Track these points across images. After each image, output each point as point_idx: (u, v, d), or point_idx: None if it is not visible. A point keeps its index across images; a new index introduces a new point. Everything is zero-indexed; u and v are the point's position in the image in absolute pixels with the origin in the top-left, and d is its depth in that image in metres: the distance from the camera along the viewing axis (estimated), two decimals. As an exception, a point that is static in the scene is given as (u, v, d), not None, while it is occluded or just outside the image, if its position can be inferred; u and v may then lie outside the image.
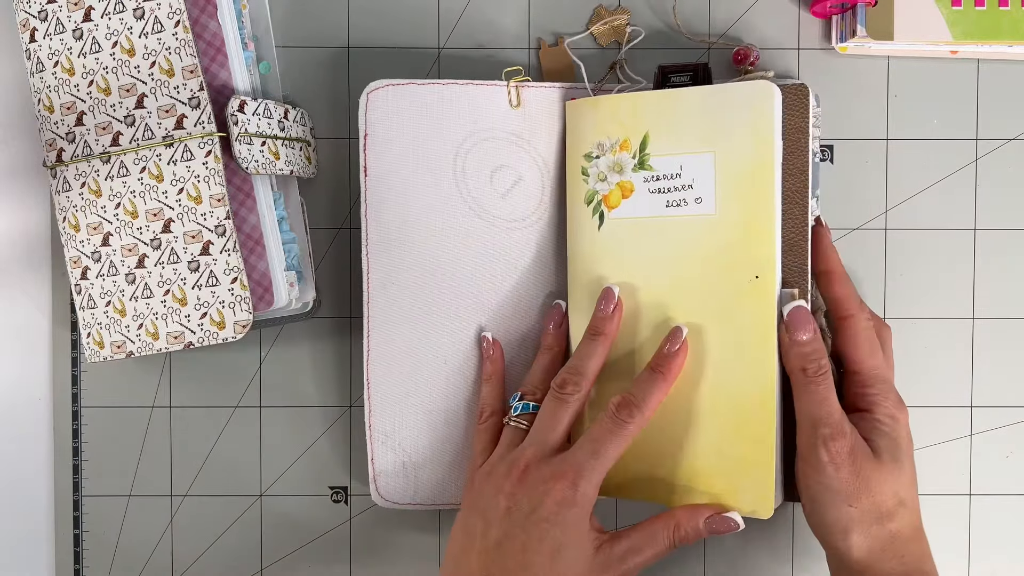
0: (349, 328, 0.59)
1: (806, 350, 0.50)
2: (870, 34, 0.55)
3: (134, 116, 0.53)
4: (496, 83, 0.55)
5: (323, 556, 0.60)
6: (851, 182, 0.58)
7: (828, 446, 0.48)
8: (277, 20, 0.58)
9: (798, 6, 0.58)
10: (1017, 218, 0.58)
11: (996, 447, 0.59)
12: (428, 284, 0.56)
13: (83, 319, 0.55)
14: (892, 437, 0.50)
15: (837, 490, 0.48)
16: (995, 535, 0.59)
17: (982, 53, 0.57)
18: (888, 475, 0.49)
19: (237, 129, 0.52)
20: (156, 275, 0.53)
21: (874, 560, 0.49)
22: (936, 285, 0.59)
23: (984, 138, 0.58)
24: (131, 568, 0.60)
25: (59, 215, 0.55)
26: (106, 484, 0.60)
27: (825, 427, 0.49)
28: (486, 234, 0.56)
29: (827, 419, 0.49)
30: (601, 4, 0.58)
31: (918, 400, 0.59)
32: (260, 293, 0.53)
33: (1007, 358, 0.59)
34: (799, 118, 0.51)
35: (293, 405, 0.60)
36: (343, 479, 0.60)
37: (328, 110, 0.58)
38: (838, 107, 0.58)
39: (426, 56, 0.58)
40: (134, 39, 0.52)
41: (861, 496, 0.48)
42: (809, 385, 0.50)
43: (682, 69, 0.54)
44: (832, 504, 0.49)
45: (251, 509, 0.60)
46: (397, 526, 0.60)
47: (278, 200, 0.55)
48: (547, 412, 0.52)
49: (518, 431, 0.52)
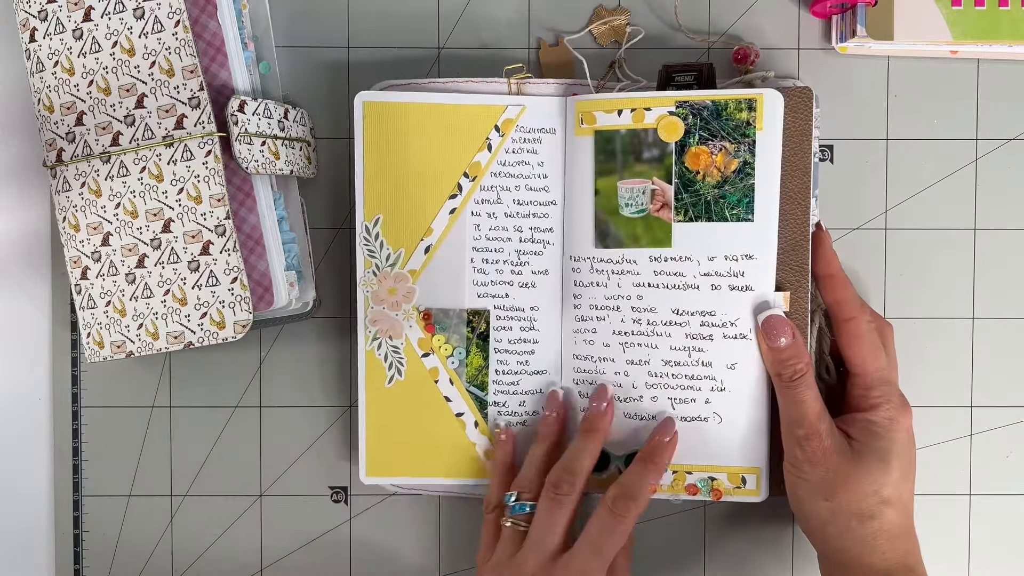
0: (349, 328, 0.59)
1: (782, 356, 0.51)
2: (870, 34, 0.55)
3: (134, 116, 0.53)
4: (497, 80, 0.56)
5: (323, 556, 0.60)
6: (851, 182, 0.58)
7: (803, 446, 0.50)
8: (277, 20, 0.58)
9: (798, 6, 0.58)
10: (1017, 218, 0.58)
11: (996, 447, 0.59)
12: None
13: (83, 319, 0.55)
14: (885, 439, 0.51)
15: (813, 485, 0.50)
16: (995, 535, 0.59)
17: (982, 53, 0.57)
18: (867, 475, 0.50)
19: (237, 129, 0.52)
20: (156, 275, 0.53)
21: (854, 554, 0.50)
22: (936, 285, 0.59)
23: (984, 138, 0.58)
24: (131, 568, 0.60)
25: (59, 215, 0.55)
26: (106, 484, 0.60)
27: (800, 428, 0.51)
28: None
29: (802, 420, 0.51)
30: (601, 4, 0.58)
31: (918, 400, 0.58)
32: (260, 293, 0.53)
33: (1007, 358, 0.59)
34: (803, 121, 0.52)
35: (293, 405, 0.60)
36: (343, 479, 0.60)
37: (328, 110, 0.58)
38: (838, 107, 0.58)
39: (426, 56, 0.58)
40: (134, 39, 0.52)
41: (837, 492, 0.50)
42: (785, 389, 0.51)
43: (686, 69, 0.54)
44: (808, 499, 0.51)
45: (251, 509, 0.60)
46: (397, 526, 0.60)
47: (278, 200, 0.55)
48: (544, 514, 0.52)
49: (517, 532, 0.53)
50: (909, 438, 0.52)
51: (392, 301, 0.56)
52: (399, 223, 0.55)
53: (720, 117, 0.52)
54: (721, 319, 0.52)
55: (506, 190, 0.56)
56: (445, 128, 0.55)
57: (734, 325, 0.52)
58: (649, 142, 0.53)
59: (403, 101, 0.55)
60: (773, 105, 0.52)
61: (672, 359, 0.53)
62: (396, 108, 0.55)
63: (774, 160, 0.52)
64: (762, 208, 0.52)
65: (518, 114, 0.55)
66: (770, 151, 0.52)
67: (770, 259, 0.52)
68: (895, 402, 0.52)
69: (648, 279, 0.53)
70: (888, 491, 0.50)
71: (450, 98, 0.55)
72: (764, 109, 0.52)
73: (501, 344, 0.56)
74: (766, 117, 0.52)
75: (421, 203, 0.55)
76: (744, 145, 0.52)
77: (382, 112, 0.55)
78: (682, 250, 0.53)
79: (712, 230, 0.52)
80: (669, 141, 0.53)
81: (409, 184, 0.55)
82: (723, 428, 0.53)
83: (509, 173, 0.56)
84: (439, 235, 0.56)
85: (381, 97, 0.55)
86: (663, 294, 0.53)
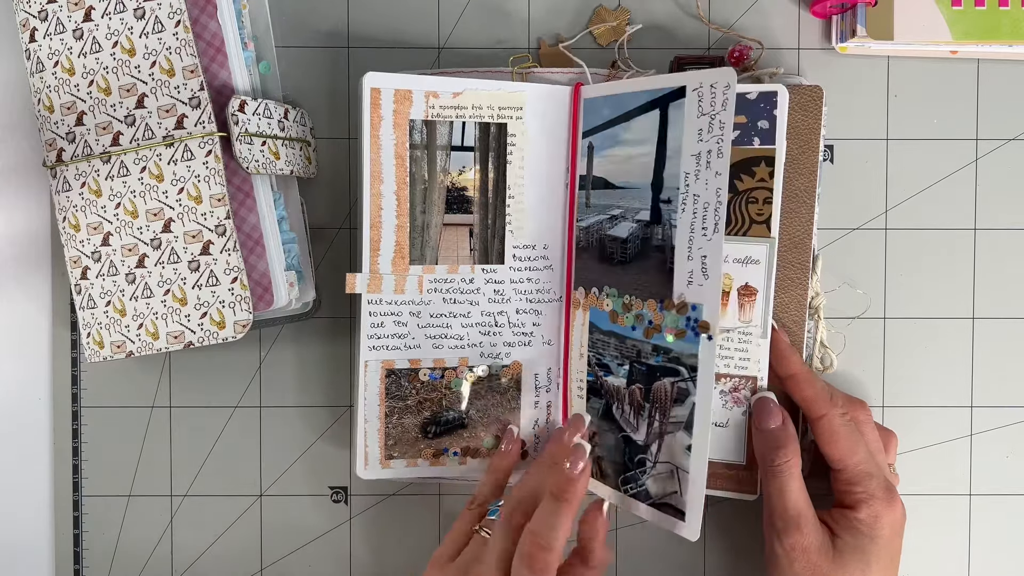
0: (349, 328, 0.59)
1: (769, 440, 0.51)
2: (870, 34, 0.55)
3: (134, 116, 0.53)
4: (501, 70, 0.56)
5: (323, 556, 0.60)
6: (851, 182, 0.58)
7: (782, 540, 0.50)
8: (277, 20, 0.58)
9: (798, 6, 0.58)
10: (1017, 218, 0.58)
11: (996, 447, 0.59)
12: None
13: (83, 319, 0.55)
14: (867, 536, 0.50)
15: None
16: (995, 535, 0.59)
17: (982, 53, 0.57)
18: (847, 574, 0.50)
19: (237, 129, 0.52)
20: (156, 275, 0.53)
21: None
22: (936, 285, 0.59)
23: (984, 138, 0.58)
24: (131, 568, 0.60)
25: (59, 215, 0.55)
26: (106, 484, 0.60)
27: (780, 520, 0.50)
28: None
29: (783, 513, 0.50)
30: (602, 4, 0.58)
31: (918, 400, 0.59)
32: (260, 293, 0.53)
33: (1007, 358, 0.59)
34: (812, 119, 0.52)
35: (293, 405, 0.60)
36: (343, 479, 0.60)
37: (328, 110, 0.58)
38: (838, 107, 0.58)
39: (426, 56, 0.58)
40: (134, 39, 0.52)
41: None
42: (768, 475, 0.51)
43: (698, 61, 0.54)
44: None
45: (251, 509, 0.60)
46: (397, 526, 0.60)
47: (278, 200, 0.55)
48: (493, 540, 0.49)
49: (484, 541, 0.51)
50: (894, 531, 0.51)
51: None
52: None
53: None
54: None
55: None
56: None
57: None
58: None
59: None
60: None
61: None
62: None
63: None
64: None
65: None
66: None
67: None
68: (879, 496, 0.51)
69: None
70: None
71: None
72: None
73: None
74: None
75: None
76: None
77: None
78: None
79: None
80: None
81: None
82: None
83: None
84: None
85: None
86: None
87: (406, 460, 0.57)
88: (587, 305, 0.55)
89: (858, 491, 0.51)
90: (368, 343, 0.55)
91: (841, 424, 0.51)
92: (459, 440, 0.57)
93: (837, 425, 0.51)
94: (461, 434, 0.57)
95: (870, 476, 0.51)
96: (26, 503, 0.60)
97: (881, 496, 0.51)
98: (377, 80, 0.53)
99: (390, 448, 0.56)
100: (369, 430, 0.56)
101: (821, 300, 0.55)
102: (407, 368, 0.56)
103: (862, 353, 0.58)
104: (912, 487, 0.59)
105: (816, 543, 0.50)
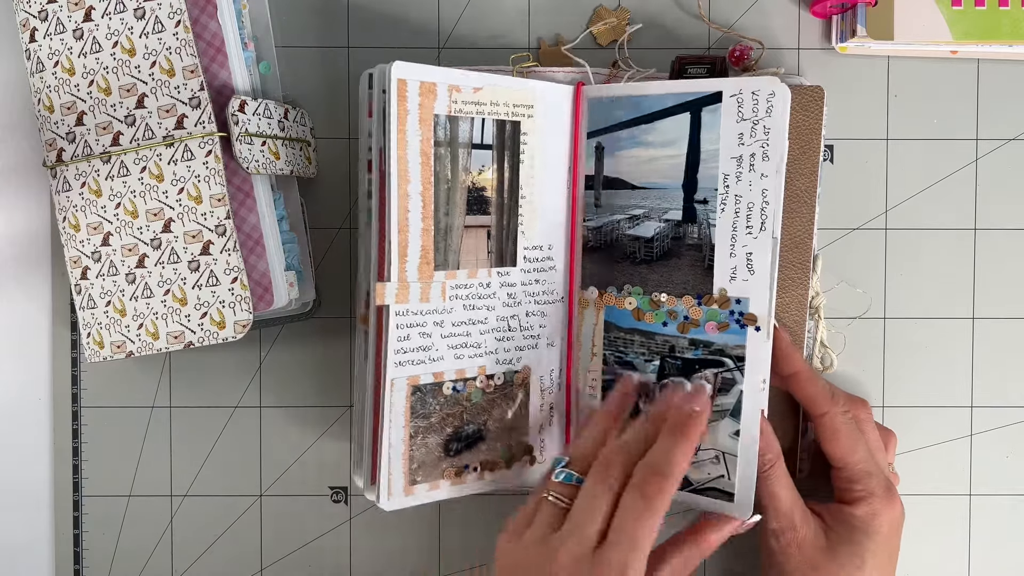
0: (349, 328, 0.59)
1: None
2: (870, 34, 0.55)
3: (134, 116, 0.53)
4: (502, 68, 0.56)
5: (323, 556, 0.60)
6: (851, 182, 0.58)
7: (778, 538, 0.51)
8: (277, 20, 0.58)
9: (798, 6, 0.58)
10: (1017, 218, 0.58)
11: (996, 447, 0.59)
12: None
13: (83, 319, 0.55)
14: (863, 532, 0.50)
15: (787, 572, 0.51)
16: (995, 535, 0.59)
17: (982, 53, 0.57)
18: (841, 568, 0.50)
19: (237, 129, 0.52)
20: (156, 275, 0.53)
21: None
22: (936, 285, 0.59)
23: (984, 138, 0.58)
24: (131, 568, 0.60)
25: (59, 215, 0.55)
26: (106, 484, 0.60)
27: (774, 521, 0.51)
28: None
29: (775, 513, 0.51)
30: (602, 4, 0.58)
31: (918, 400, 0.59)
32: (260, 293, 0.53)
33: (1007, 358, 0.59)
34: (813, 119, 0.52)
35: (293, 405, 0.60)
36: (343, 479, 0.60)
37: (328, 110, 0.58)
38: (838, 107, 0.58)
39: (426, 56, 0.58)
40: (135, 39, 0.52)
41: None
42: (759, 477, 0.51)
43: (699, 61, 0.54)
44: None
45: (251, 509, 0.60)
46: (397, 526, 0.60)
47: (278, 200, 0.55)
48: (587, 498, 0.47)
49: (558, 508, 0.47)
50: (892, 529, 0.51)
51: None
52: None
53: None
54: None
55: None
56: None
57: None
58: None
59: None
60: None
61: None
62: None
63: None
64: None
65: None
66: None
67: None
68: (879, 494, 0.51)
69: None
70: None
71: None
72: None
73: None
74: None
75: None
76: None
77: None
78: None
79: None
80: None
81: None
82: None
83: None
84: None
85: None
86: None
87: (429, 484, 0.53)
88: (601, 304, 0.55)
89: (858, 489, 0.51)
90: (394, 358, 0.51)
91: (842, 422, 0.51)
92: (478, 455, 0.55)
93: (838, 423, 0.51)
94: (480, 448, 0.55)
95: (870, 474, 0.51)
96: (26, 503, 0.60)
97: (880, 494, 0.51)
98: (404, 71, 0.49)
99: (414, 472, 0.53)
100: (393, 456, 0.52)
101: (821, 300, 0.55)
102: (431, 383, 0.53)
103: (862, 353, 0.58)
104: (912, 487, 0.59)
105: (811, 536, 0.50)
